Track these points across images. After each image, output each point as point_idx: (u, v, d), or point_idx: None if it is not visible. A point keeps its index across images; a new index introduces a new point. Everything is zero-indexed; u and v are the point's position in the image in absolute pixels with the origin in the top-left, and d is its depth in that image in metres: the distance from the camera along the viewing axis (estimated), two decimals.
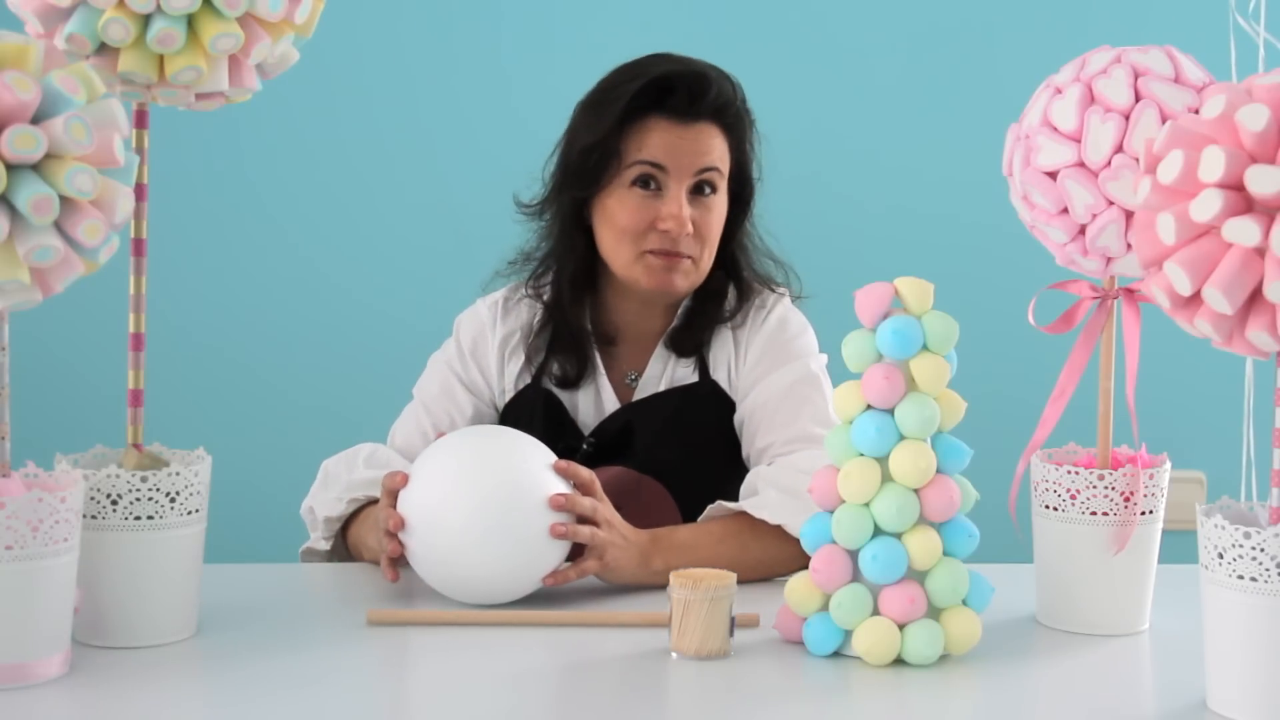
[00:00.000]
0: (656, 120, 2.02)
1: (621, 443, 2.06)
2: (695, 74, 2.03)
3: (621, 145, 2.03)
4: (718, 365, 2.09)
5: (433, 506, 1.74)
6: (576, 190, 2.06)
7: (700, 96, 2.02)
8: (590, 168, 2.04)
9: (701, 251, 2.04)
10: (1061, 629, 1.74)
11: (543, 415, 2.07)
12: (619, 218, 2.03)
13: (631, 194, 2.03)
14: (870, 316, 1.63)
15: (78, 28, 1.53)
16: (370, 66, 3.27)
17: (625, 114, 2.02)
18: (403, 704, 1.51)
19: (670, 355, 2.11)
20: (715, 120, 2.04)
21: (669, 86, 2.02)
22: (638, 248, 2.03)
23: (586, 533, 1.77)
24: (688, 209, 2.02)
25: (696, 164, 2.02)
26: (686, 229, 2.01)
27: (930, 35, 3.30)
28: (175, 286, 3.15)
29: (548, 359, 2.10)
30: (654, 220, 2.01)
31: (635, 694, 1.53)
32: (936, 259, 3.13)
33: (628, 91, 2.02)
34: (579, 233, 2.09)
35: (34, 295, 1.44)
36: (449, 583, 1.76)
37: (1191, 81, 1.65)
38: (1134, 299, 1.75)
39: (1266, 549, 1.42)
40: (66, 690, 1.49)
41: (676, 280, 2.04)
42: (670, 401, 2.08)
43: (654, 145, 2.02)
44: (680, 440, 2.06)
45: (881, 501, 1.61)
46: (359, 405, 3.26)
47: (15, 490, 1.49)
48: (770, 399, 2.03)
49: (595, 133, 2.04)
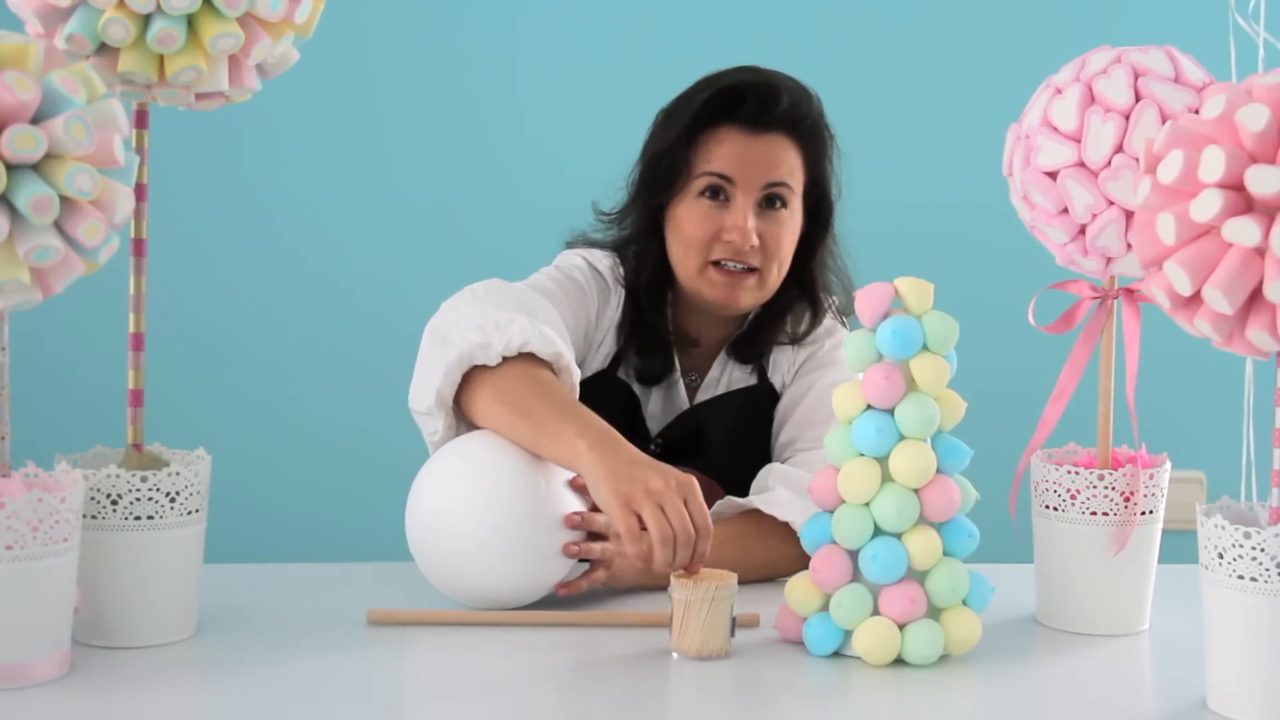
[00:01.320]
0: (727, 130, 2.01)
1: (690, 444, 2.06)
2: (767, 84, 2.02)
3: (691, 155, 2.02)
4: (775, 369, 2.10)
5: (446, 512, 1.74)
6: (649, 198, 2.06)
7: (771, 107, 2.00)
8: (661, 175, 2.03)
9: (769, 265, 2.02)
10: (1061, 629, 1.74)
11: (620, 407, 2.04)
12: (686, 227, 2.02)
13: (699, 204, 2.01)
14: (870, 316, 1.63)
15: (78, 28, 1.53)
16: (370, 66, 3.27)
17: (695, 122, 2.01)
18: (403, 704, 1.51)
19: (730, 360, 2.11)
20: (788, 132, 2.02)
21: (740, 96, 2.01)
22: (703, 259, 2.01)
23: (598, 550, 1.77)
24: (753, 221, 2.00)
25: (765, 176, 2.00)
26: (751, 241, 1.99)
27: (930, 35, 3.30)
28: (175, 286, 3.15)
29: (627, 352, 2.09)
30: (719, 231, 2.00)
31: (636, 694, 1.53)
32: (936, 259, 3.12)
33: (700, 99, 2.02)
34: (654, 241, 2.07)
35: (34, 295, 1.44)
36: (456, 587, 1.76)
37: (1191, 81, 1.65)
38: (1134, 299, 1.75)
39: (1266, 549, 1.42)
40: (66, 690, 1.49)
41: (740, 296, 2.02)
42: (734, 403, 2.08)
43: (723, 156, 2.00)
44: (744, 442, 2.06)
45: (881, 501, 1.61)
46: (359, 405, 3.27)
47: (15, 490, 1.49)
48: (804, 396, 2.04)
49: (665, 140, 2.03)
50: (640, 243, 2.09)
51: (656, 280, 2.08)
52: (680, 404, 2.10)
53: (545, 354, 1.80)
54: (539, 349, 1.79)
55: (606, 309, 2.09)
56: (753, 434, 2.07)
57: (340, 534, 3.22)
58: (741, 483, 2.00)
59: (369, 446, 3.23)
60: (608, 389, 2.06)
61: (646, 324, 2.09)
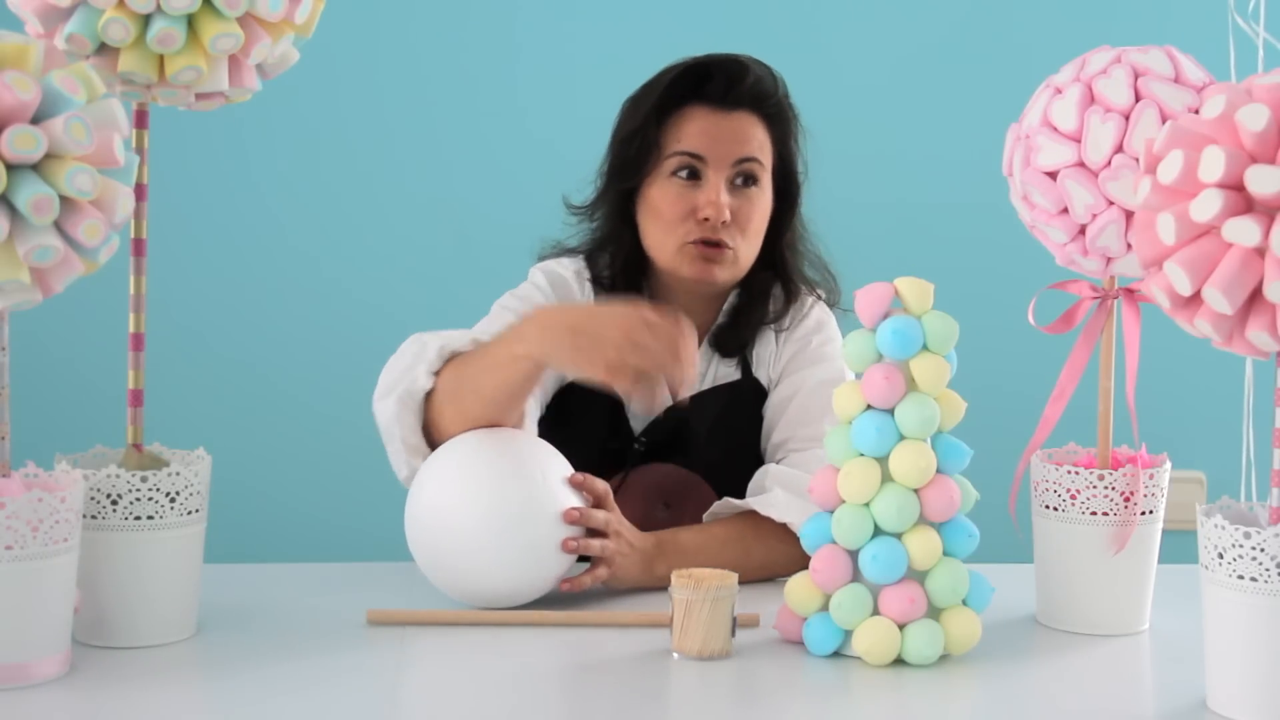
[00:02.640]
0: (695, 109, 2.03)
1: (673, 440, 2.06)
2: (732, 61, 2.04)
3: (661, 136, 2.03)
4: (759, 363, 2.09)
5: (444, 510, 1.74)
6: (620, 182, 2.07)
7: (737, 83, 2.02)
8: (631, 158, 2.05)
9: (741, 242, 2.03)
10: (1061, 629, 1.74)
11: (602, 408, 2.03)
12: (660, 208, 2.03)
13: (672, 183, 2.03)
14: (870, 316, 1.63)
15: (78, 28, 1.53)
16: (370, 66, 3.27)
17: (663, 102, 2.03)
18: (403, 704, 1.51)
19: (714, 354, 2.11)
20: (754, 110, 2.04)
21: (707, 73, 2.03)
22: (679, 237, 2.02)
23: (597, 546, 1.77)
24: (726, 197, 2.01)
25: (735, 153, 2.02)
26: (724, 216, 2.00)
27: (930, 35, 3.30)
28: (175, 286, 3.15)
29: None
30: (693, 209, 2.01)
31: (637, 694, 1.53)
32: (936, 259, 3.13)
33: (667, 79, 2.05)
34: (626, 227, 2.08)
35: (34, 295, 1.44)
36: (454, 586, 1.76)
37: (1191, 81, 1.65)
38: (1134, 299, 1.75)
39: (1266, 549, 1.42)
40: (66, 690, 1.49)
41: (717, 271, 2.03)
42: (718, 399, 2.08)
43: (692, 134, 2.02)
44: (728, 438, 2.06)
45: (881, 501, 1.61)
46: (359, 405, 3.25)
47: (15, 490, 1.49)
48: (795, 395, 2.03)
49: (634, 122, 2.05)
50: (613, 232, 2.09)
51: (631, 271, 2.09)
52: (664, 401, 2.10)
53: (463, 345, 1.84)
54: (456, 346, 1.84)
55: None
56: (739, 430, 2.07)
57: (340, 534, 3.22)
58: (729, 479, 2.01)
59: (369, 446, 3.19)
60: (588, 390, 2.07)
61: None
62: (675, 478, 2.02)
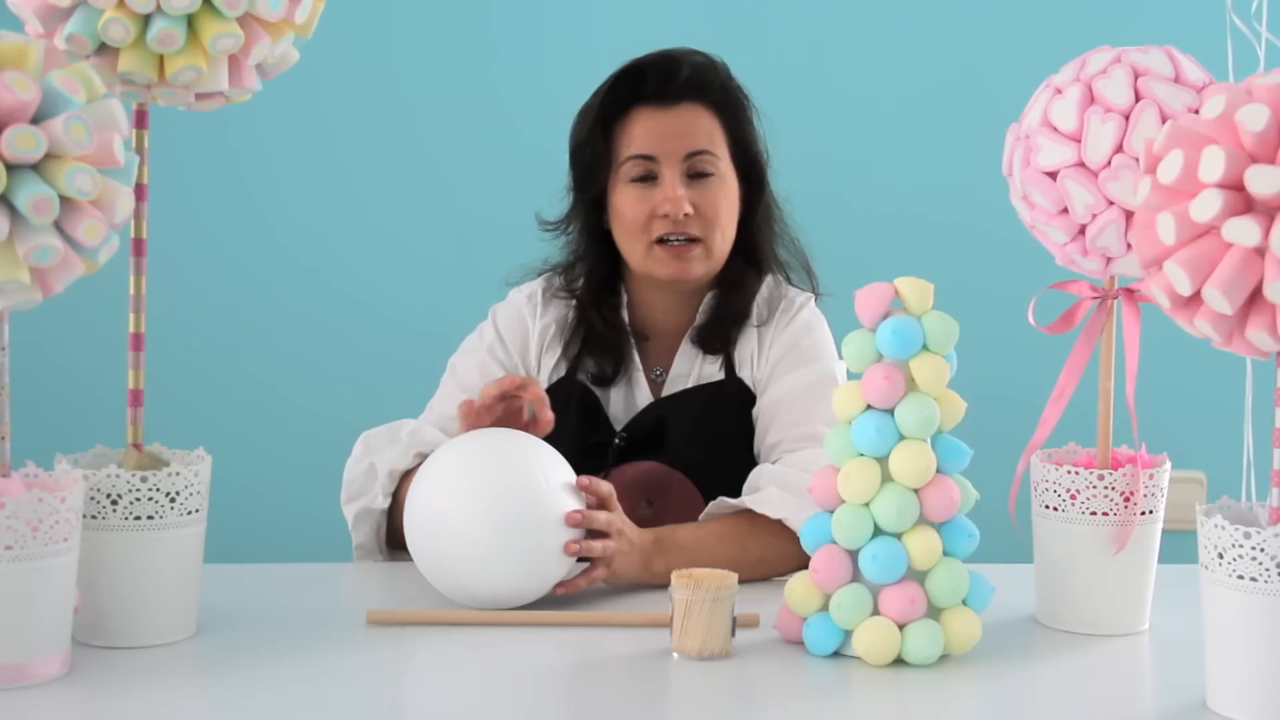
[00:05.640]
0: (638, 111, 2.06)
1: (653, 438, 2.06)
2: (664, 57, 2.07)
3: (611, 143, 2.06)
4: (742, 363, 2.10)
5: (444, 512, 1.74)
6: (583, 193, 2.10)
7: (673, 77, 2.05)
8: (586, 169, 2.08)
9: (710, 232, 2.05)
10: (1061, 629, 1.74)
11: (578, 409, 2.07)
12: (623, 213, 2.05)
13: (631, 189, 2.05)
14: (870, 316, 1.63)
15: (78, 28, 1.53)
16: (370, 67, 3.27)
17: (606, 110, 2.06)
18: (403, 704, 1.51)
19: (698, 353, 2.11)
20: (698, 100, 2.06)
21: (641, 74, 2.06)
22: (646, 240, 2.04)
23: (599, 548, 1.77)
24: (683, 190, 2.03)
25: (684, 146, 2.04)
26: (684, 209, 2.02)
27: (931, 35, 3.30)
28: (175, 286, 3.14)
29: (583, 355, 2.11)
30: (653, 209, 2.03)
31: (637, 694, 1.53)
32: (936, 259, 3.12)
33: (604, 87, 2.08)
34: (598, 237, 2.11)
35: (34, 295, 1.44)
36: (454, 587, 1.75)
37: (1191, 81, 1.65)
38: (1134, 299, 1.75)
39: (1266, 549, 1.42)
40: (66, 690, 1.49)
41: (690, 268, 2.05)
42: (699, 398, 2.08)
43: (639, 136, 2.04)
44: (709, 437, 2.07)
45: (881, 501, 1.61)
46: (359, 406, 3.25)
47: (15, 490, 1.49)
48: (786, 396, 2.04)
49: (582, 133, 2.08)
50: (586, 244, 2.12)
51: (607, 279, 2.12)
52: (645, 400, 2.11)
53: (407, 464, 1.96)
54: (402, 467, 1.96)
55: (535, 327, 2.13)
56: (722, 428, 2.07)
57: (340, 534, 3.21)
58: (710, 478, 2.01)
59: None
60: (564, 393, 2.08)
61: (593, 327, 2.11)
62: (656, 474, 2.03)
